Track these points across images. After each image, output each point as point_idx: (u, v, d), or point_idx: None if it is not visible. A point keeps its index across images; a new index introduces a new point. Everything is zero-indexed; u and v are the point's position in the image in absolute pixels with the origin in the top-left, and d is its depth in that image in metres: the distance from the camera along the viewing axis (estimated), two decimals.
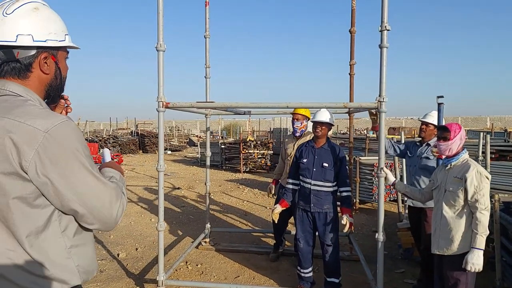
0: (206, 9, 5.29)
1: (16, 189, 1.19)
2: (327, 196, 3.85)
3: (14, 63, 1.32)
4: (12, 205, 1.20)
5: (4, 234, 1.23)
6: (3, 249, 1.23)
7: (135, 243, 5.70)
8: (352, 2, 5.13)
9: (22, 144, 1.17)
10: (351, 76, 5.24)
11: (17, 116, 1.20)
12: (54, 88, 1.42)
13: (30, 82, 1.35)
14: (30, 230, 1.23)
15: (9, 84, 1.31)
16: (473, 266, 2.71)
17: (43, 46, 1.33)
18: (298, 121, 4.77)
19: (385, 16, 3.33)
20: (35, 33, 1.31)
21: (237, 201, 8.94)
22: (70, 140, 1.25)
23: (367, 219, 7.17)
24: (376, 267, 3.58)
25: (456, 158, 2.98)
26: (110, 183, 1.37)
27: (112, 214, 1.33)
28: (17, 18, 1.29)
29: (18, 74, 1.33)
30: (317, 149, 3.92)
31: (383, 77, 3.39)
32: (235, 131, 36.99)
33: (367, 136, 10.40)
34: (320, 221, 3.87)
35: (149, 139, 24.08)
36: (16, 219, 1.21)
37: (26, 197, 1.21)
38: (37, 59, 1.34)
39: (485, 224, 2.73)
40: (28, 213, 1.23)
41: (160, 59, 3.57)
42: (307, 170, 3.91)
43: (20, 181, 1.19)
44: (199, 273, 4.62)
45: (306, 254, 3.99)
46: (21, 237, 1.22)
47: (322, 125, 3.87)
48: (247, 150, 14.68)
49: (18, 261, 1.23)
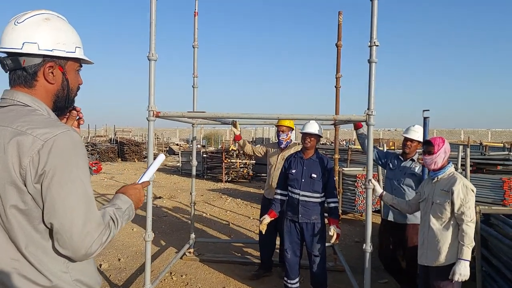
0: (195, 19, 5.32)
1: (12, 199, 1.19)
2: (315, 207, 3.89)
3: (20, 71, 1.32)
4: (9, 215, 1.20)
5: (8, 244, 1.23)
6: (7, 259, 1.22)
7: (117, 254, 5.59)
8: (338, 17, 5.26)
9: (21, 152, 1.18)
10: (337, 89, 5.33)
11: (19, 125, 1.21)
12: (61, 99, 1.41)
13: (37, 91, 1.35)
14: (28, 241, 1.22)
15: (17, 94, 1.32)
16: (460, 277, 2.79)
17: (49, 55, 1.33)
18: (283, 133, 4.79)
19: (374, 32, 3.42)
20: (41, 41, 1.31)
21: (220, 211, 8.89)
22: (67, 152, 1.23)
23: (350, 229, 7.26)
24: (360, 278, 3.63)
25: (442, 171, 3.08)
26: (97, 211, 1.29)
27: (83, 244, 1.21)
28: (26, 27, 1.31)
29: (24, 82, 1.33)
30: (306, 160, 3.96)
31: (372, 91, 3.47)
32: (216, 140, 36.86)
33: (349, 148, 10.56)
34: (308, 232, 3.90)
35: (128, 147, 23.69)
36: (15, 229, 1.21)
37: (23, 209, 1.20)
38: (42, 68, 1.34)
39: (471, 235, 2.82)
40: (25, 225, 1.22)
41: (151, 68, 3.55)
42: (295, 180, 3.94)
43: (16, 191, 1.19)
44: (184, 284, 4.57)
45: (293, 265, 4.01)
46: (21, 248, 1.22)
47: (311, 136, 3.92)
48: (229, 160, 14.66)
49: (22, 271, 1.23)
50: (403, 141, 4.24)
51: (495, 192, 7.06)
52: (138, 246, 5.99)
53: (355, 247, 6.18)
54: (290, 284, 4.02)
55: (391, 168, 4.27)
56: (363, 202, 7.66)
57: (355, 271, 4.66)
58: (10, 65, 1.31)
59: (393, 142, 23.33)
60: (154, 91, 3.59)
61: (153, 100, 3.58)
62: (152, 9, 3.50)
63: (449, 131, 53.68)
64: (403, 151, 4.20)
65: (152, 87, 3.58)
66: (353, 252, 5.86)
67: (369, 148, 3.61)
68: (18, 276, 1.22)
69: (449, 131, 53.75)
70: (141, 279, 4.59)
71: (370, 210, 3.62)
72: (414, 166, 4.07)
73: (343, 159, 10.06)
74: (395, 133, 56.12)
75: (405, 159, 4.18)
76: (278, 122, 4.79)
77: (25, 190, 1.19)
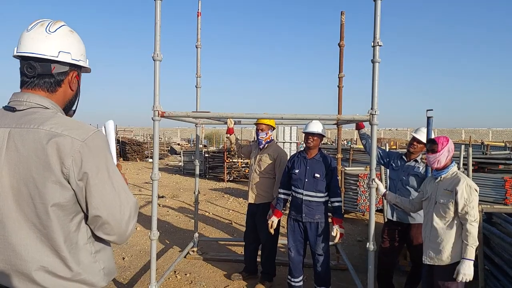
0: (198, 19, 5.34)
1: (55, 197, 1.26)
2: (319, 206, 3.91)
3: (48, 77, 1.42)
4: (51, 212, 1.27)
5: (38, 243, 1.29)
6: (38, 257, 1.28)
7: (121, 252, 5.63)
8: (341, 17, 5.29)
9: (62, 153, 1.25)
10: (339, 89, 5.36)
11: (53, 127, 1.28)
12: (71, 104, 1.55)
13: (57, 96, 1.45)
14: (65, 236, 1.30)
15: (35, 96, 1.39)
16: (464, 276, 2.81)
17: (76, 64, 1.47)
18: (262, 132, 4.53)
19: (377, 32, 3.44)
20: (73, 52, 1.45)
21: (223, 210, 8.93)
22: (102, 150, 1.34)
23: (352, 228, 7.29)
24: (363, 276, 3.66)
25: (445, 171, 3.09)
26: (133, 196, 1.44)
27: (128, 228, 1.39)
28: (60, 36, 1.43)
29: (48, 87, 1.43)
30: (309, 160, 3.98)
31: (375, 91, 3.49)
32: (217, 140, 36.89)
33: (351, 147, 10.59)
34: (311, 231, 3.92)
35: (130, 147, 23.75)
36: (54, 226, 1.28)
37: (63, 204, 1.28)
38: (68, 76, 1.47)
39: (475, 235, 2.85)
40: (63, 220, 1.30)
41: (156, 68, 3.58)
42: (299, 180, 3.96)
43: (59, 188, 1.26)
44: (188, 282, 4.60)
45: (297, 264, 4.04)
46: (59, 244, 1.29)
47: (314, 136, 3.91)
48: (231, 159, 14.69)
49: (52, 267, 1.30)
50: (410, 140, 4.17)
51: (497, 191, 7.09)
52: (142, 245, 6.02)
53: (357, 246, 6.22)
54: (294, 282, 4.05)
55: (394, 168, 4.22)
56: (365, 202, 7.69)
57: (358, 270, 4.69)
58: (39, 70, 1.39)
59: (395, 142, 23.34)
60: (159, 91, 3.62)
61: (158, 100, 3.61)
62: (156, 10, 3.53)
63: (450, 130, 53.69)
64: (408, 150, 4.14)
65: (157, 87, 3.61)
66: (355, 251, 5.90)
67: (372, 148, 3.63)
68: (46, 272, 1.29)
69: (450, 130, 53.76)
70: (146, 278, 4.63)
71: (373, 209, 3.65)
72: (418, 166, 4.02)
73: (345, 159, 10.10)
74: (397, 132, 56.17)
75: (409, 159, 4.11)
76: (257, 121, 4.57)
77: (68, 187, 1.28)
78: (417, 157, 4.09)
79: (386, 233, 4.22)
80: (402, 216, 4.04)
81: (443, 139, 3.12)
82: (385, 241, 4.20)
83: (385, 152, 4.44)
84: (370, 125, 3.57)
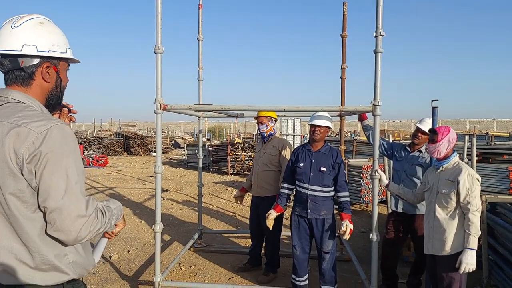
0: (200, 11, 5.32)
1: (10, 187, 1.29)
2: (325, 201, 3.73)
3: (18, 71, 1.43)
4: (9, 201, 1.30)
5: (7, 229, 1.33)
6: (7, 244, 1.33)
7: (126, 245, 5.67)
8: (343, 8, 5.25)
9: (17, 143, 1.27)
10: (342, 80, 5.35)
11: (15, 120, 1.31)
12: (54, 96, 1.54)
13: (33, 89, 1.46)
14: (28, 227, 1.33)
15: (12, 92, 1.43)
16: (467, 266, 2.80)
17: (46, 56, 1.45)
18: (262, 124, 4.49)
19: (380, 22, 3.41)
20: (39, 44, 1.43)
21: (227, 203, 8.96)
22: (58, 142, 1.33)
23: (355, 220, 7.29)
24: (367, 267, 3.65)
25: (447, 161, 3.08)
26: (89, 199, 1.39)
27: (74, 226, 1.31)
28: (24, 30, 1.42)
29: (21, 82, 1.44)
30: (314, 153, 3.79)
31: (378, 81, 3.47)
32: (220, 133, 36.92)
33: (354, 139, 10.57)
34: (317, 228, 3.74)
35: (134, 141, 23.85)
36: (16, 215, 1.31)
37: (19, 195, 1.30)
38: (39, 68, 1.46)
39: (477, 225, 2.84)
40: (24, 211, 1.32)
41: (158, 61, 3.58)
42: (304, 174, 3.76)
43: (13, 178, 1.28)
44: (192, 274, 4.64)
45: (302, 262, 3.86)
46: (21, 233, 1.33)
47: (321, 128, 3.74)
48: (234, 153, 14.72)
49: (20, 255, 1.34)
50: (414, 132, 4.15)
51: (501, 181, 7.09)
52: (146, 238, 6.07)
53: (361, 237, 6.23)
54: (298, 281, 3.87)
55: (398, 159, 4.20)
56: (368, 193, 7.70)
57: (361, 261, 4.71)
58: (8, 65, 1.42)
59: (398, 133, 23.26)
60: (161, 84, 3.62)
61: (160, 93, 3.62)
62: (157, 2, 3.52)
63: (454, 121, 53.39)
64: (412, 141, 4.13)
65: (158, 80, 3.61)
66: (359, 242, 5.91)
67: (375, 139, 3.61)
68: (15, 260, 1.34)
69: (454, 121, 53.45)
70: (151, 270, 4.67)
71: (376, 200, 3.65)
72: (423, 157, 4.00)
73: (348, 151, 10.08)
74: (400, 124, 55.92)
75: (413, 150, 4.10)
76: (258, 114, 4.55)
77: (21, 178, 1.29)
78: (421, 148, 4.06)
79: (390, 224, 4.21)
80: (408, 207, 4.02)
81: (444, 128, 3.11)
82: (390, 232, 4.20)
83: (389, 144, 4.42)
84: (373, 116, 3.56)
